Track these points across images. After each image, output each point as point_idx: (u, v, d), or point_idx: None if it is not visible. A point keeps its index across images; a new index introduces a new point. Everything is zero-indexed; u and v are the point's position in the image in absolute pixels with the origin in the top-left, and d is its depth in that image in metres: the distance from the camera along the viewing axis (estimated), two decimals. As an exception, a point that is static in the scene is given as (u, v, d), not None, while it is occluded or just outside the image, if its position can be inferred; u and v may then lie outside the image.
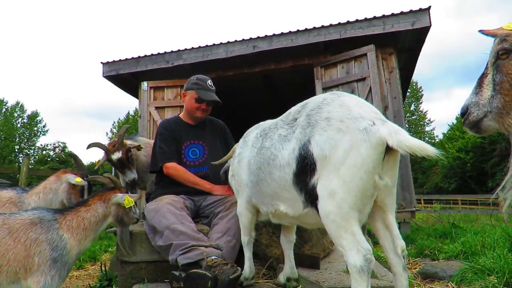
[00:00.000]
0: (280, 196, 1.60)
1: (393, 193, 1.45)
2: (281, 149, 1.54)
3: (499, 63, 1.18)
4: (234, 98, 8.55)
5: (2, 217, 1.63)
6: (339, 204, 1.29)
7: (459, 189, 25.62)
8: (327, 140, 1.32)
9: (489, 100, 1.19)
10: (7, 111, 38.22)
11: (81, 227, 1.71)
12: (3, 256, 1.53)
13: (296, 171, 1.44)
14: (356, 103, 1.40)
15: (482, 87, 1.23)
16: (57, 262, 1.58)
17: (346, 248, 1.28)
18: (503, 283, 2.04)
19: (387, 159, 1.33)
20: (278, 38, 5.95)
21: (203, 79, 2.59)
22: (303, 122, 1.46)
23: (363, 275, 1.23)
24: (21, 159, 5.74)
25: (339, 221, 1.29)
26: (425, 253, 3.53)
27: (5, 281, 1.54)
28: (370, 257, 1.26)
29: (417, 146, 1.20)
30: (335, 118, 1.34)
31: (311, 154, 1.35)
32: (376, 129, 1.27)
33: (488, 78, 1.21)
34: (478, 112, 1.21)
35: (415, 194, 5.64)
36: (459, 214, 11.59)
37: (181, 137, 2.59)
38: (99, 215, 1.78)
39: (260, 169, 1.68)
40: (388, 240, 1.44)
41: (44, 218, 1.66)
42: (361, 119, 1.30)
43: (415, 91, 35.57)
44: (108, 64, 6.84)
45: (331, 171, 1.30)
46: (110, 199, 1.83)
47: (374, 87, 5.42)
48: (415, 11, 5.38)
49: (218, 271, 1.81)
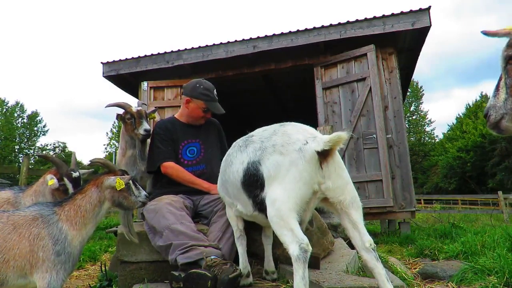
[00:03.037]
0: (236, 196, 1.87)
1: (348, 190, 1.62)
2: (236, 157, 1.85)
3: (508, 68, 1.26)
4: (234, 98, 8.56)
5: (6, 214, 1.67)
6: (279, 208, 1.53)
7: (459, 189, 25.63)
8: (273, 162, 1.61)
9: (504, 103, 1.27)
10: (7, 111, 38.22)
11: (78, 215, 1.71)
12: (9, 251, 1.56)
13: (243, 180, 1.73)
14: (295, 130, 1.69)
15: (498, 90, 1.31)
16: (61, 255, 1.60)
17: (287, 243, 1.49)
18: (503, 283, 2.04)
19: (326, 165, 1.57)
20: (278, 38, 5.95)
21: (210, 88, 2.56)
22: (256, 144, 1.75)
23: (299, 262, 1.44)
24: (21, 159, 5.74)
25: (280, 221, 1.53)
26: (425, 253, 3.53)
27: (12, 276, 1.57)
28: (305, 247, 1.45)
29: (332, 138, 1.48)
30: (278, 144, 1.64)
31: (261, 174, 1.63)
32: (308, 146, 1.56)
33: (503, 82, 1.29)
34: (496, 114, 1.29)
35: (415, 194, 5.64)
36: (459, 214, 11.61)
37: (178, 137, 2.59)
38: (94, 200, 1.77)
39: (225, 170, 1.99)
40: (357, 238, 1.62)
41: (44, 213, 1.68)
42: (297, 142, 1.60)
43: (415, 91, 35.56)
44: (108, 64, 6.84)
45: (275, 185, 1.58)
46: (102, 183, 1.81)
47: (374, 87, 5.43)
48: (415, 11, 5.38)
49: (217, 270, 1.81)
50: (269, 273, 2.14)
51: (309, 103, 7.09)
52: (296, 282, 1.44)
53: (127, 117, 2.85)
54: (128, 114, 2.86)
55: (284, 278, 2.09)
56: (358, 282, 1.87)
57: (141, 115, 2.85)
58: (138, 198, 1.87)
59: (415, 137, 35.42)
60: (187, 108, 2.61)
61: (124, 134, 3.01)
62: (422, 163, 33.26)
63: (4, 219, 1.63)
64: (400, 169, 5.43)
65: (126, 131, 2.94)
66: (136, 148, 2.87)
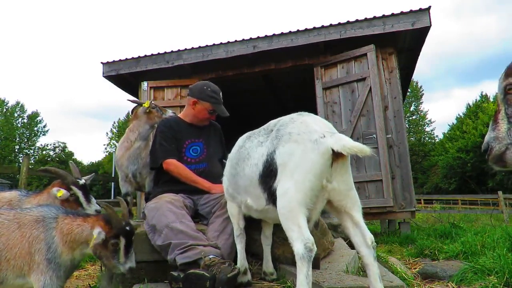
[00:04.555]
0: (248, 190, 1.84)
1: (351, 196, 1.63)
2: (255, 151, 1.82)
3: (508, 97, 1.25)
4: (234, 98, 8.55)
5: (14, 212, 1.66)
6: (289, 200, 1.52)
7: (459, 189, 25.62)
8: (287, 150, 1.58)
9: (507, 133, 1.25)
10: (7, 111, 38.23)
11: (68, 237, 1.66)
12: (11, 249, 1.56)
13: (261, 173, 1.70)
14: (313, 121, 1.66)
15: (497, 122, 1.29)
16: (51, 263, 1.58)
17: (293, 239, 1.48)
18: (503, 283, 2.04)
19: (335, 166, 1.55)
20: (278, 38, 5.95)
21: (217, 91, 2.63)
22: (273, 135, 1.72)
23: (303, 261, 1.42)
24: (21, 159, 5.73)
25: (288, 214, 1.52)
26: (425, 253, 3.53)
27: (11, 275, 1.56)
28: (310, 246, 1.44)
29: (356, 147, 1.43)
30: (295, 133, 1.61)
31: (275, 162, 1.61)
32: (324, 140, 1.52)
33: (502, 113, 1.28)
34: (500, 145, 1.27)
35: (415, 194, 5.64)
36: (459, 214, 11.60)
37: (182, 136, 2.62)
38: (81, 238, 1.68)
39: (237, 163, 1.96)
40: (358, 235, 1.62)
41: (47, 216, 1.66)
42: (314, 133, 1.56)
43: (415, 91, 35.55)
44: (108, 64, 6.84)
45: (287, 174, 1.55)
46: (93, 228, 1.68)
47: (374, 87, 5.43)
48: (415, 11, 5.38)
49: (216, 270, 1.81)
50: (268, 274, 2.14)
51: (309, 103, 7.09)
52: (300, 280, 1.43)
53: (152, 106, 3.17)
54: (152, 104, 3.22)
55: (284, 278, 2.08)
56: (358, 282, 1.87)
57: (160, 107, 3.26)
58: (119, 265, 1.71)
59: (415, 137, 35.41)
60: (193, 109, 2.65)
61: (137, 126, 3.18)
62: (422, 163, 33.26)
63: (10, 216, 1.63)
64: (400, 169, 5.43)
65: (149, 119, 3.17)
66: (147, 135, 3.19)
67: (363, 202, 5.23)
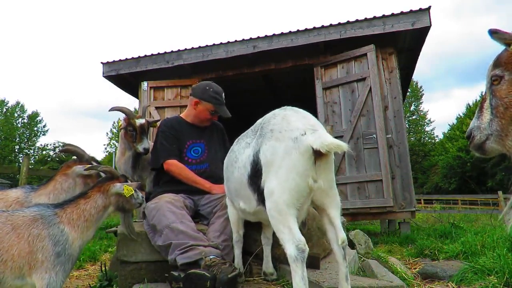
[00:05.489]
0: (239, 193, 1.84)
1: (330, 194, 1.62)
2: (242, 153, 1.81)
3: (493, 88, 1.26)
4: (234, 98, 8.54)
5: (5, 214, 1.65)
6: (276, 202, 1.50)
7: (459, 189, 25.62)
8: (270, 148, 1.57)
9: (489, 124, 1.27)
10: (7, 111, 38.21)
11: (81, 219, 1.73)
12: (7, 251, 1.55)
13: (250, 174, 1.69)
14: (296, 117, 1.62)
15: (482, 111, 1.31)
16: (61, 256, 1.60)
17: (284, 241, 1.47)
18: (503, 283, 2.04)
19: (319, 163, 1.52)
20: (278, 38, 5.95)
21: (220, 92, 2.61)
22: (258, 133, 1.70)
23: (297, 263, 1.41)
24: (21, 159, 5.74)
25: (277, 216, 1.50)
26: (425, 253, 3.53)
27: (10, 277, 1.56)
28: (302, 247, 1.43)
29: (333, 144, 1.41)
30: (276, 130, 1.59)
31: (259, 161, 1.60)
32: (305, 138, 1.49)
33: (487, 103, 1.29)
34: (481, 135, 1.29)
35: (415, 194, 5.64)
36: (459, 214, 11.59)
37: (184, 137, 2.61)
38: (99, 206, 1.80)
39: (227, 168, 1.96)
40: (332, 232, 1.63)
41: (45, 214, 1.67)
42: (296, 130, 1.53)
43: (415, 91, 35.53)
44: (108, 64, 6.84)
45: (272, 174, 1.54)
46: (109, 189, 1.83)
47: (374, 87, 5.42)
48: (415, 11, 5.38)
49: (216, 270, 1.81)
50: (268, 274, 2.14)
51: (309, 103, 7.08)
52: (296, 282, 1.42)
53: (129, 129, 2.89)
54: (130, 126, 2.88)
55: (284, 278, 2.08)
56: (358, 282, 1.87)
57: (143, 130, 2.87)
58: (137, 200, 1.92)
59: (415, 137, 35.40)
60: (195, 109, 2.63)
61: (122, 138, 3.05)
62: (422, 163, 33.25)
63: (2, 219, 1.62)
64: (400, 169, 5.42)
65: (125, 138, 2.96)
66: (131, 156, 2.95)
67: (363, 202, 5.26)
